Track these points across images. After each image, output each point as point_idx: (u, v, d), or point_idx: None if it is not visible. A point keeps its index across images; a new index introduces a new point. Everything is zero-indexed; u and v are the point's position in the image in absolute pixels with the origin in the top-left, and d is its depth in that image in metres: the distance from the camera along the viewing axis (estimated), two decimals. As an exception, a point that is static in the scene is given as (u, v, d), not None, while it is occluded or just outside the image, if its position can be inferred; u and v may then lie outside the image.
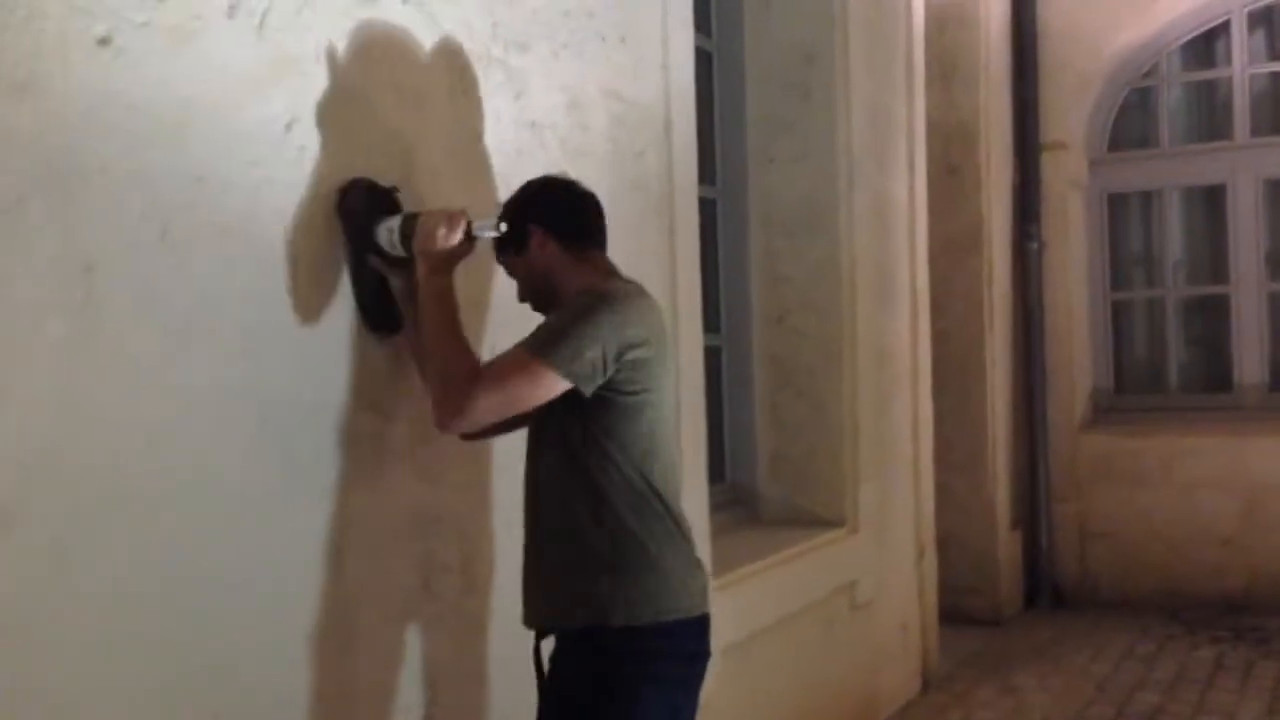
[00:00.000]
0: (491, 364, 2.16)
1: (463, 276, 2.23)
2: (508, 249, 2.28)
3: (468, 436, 2.36)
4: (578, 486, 2.14)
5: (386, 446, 2.28)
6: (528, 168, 2.63)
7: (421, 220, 2.16)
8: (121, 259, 1.79)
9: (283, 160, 2.07)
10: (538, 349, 2.08)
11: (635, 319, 2.14)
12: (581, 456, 2.13)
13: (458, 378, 2.08)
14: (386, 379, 2.29)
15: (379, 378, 2.27)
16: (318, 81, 2.14)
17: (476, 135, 2.53)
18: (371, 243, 2.21)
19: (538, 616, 2.23)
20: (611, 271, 2.29)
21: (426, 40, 2.39)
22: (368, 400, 2.24)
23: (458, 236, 2.14)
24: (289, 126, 2.08)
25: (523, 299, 2.33)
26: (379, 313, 2.26)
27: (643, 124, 3.11)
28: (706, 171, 4.18)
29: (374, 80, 2.26)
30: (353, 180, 2.19)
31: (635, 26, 3.11)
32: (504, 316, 2.54)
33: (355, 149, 2.21)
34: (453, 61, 2.46)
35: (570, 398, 2.10)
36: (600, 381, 2.09)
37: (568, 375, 2.06)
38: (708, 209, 4.20)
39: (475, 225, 2.16)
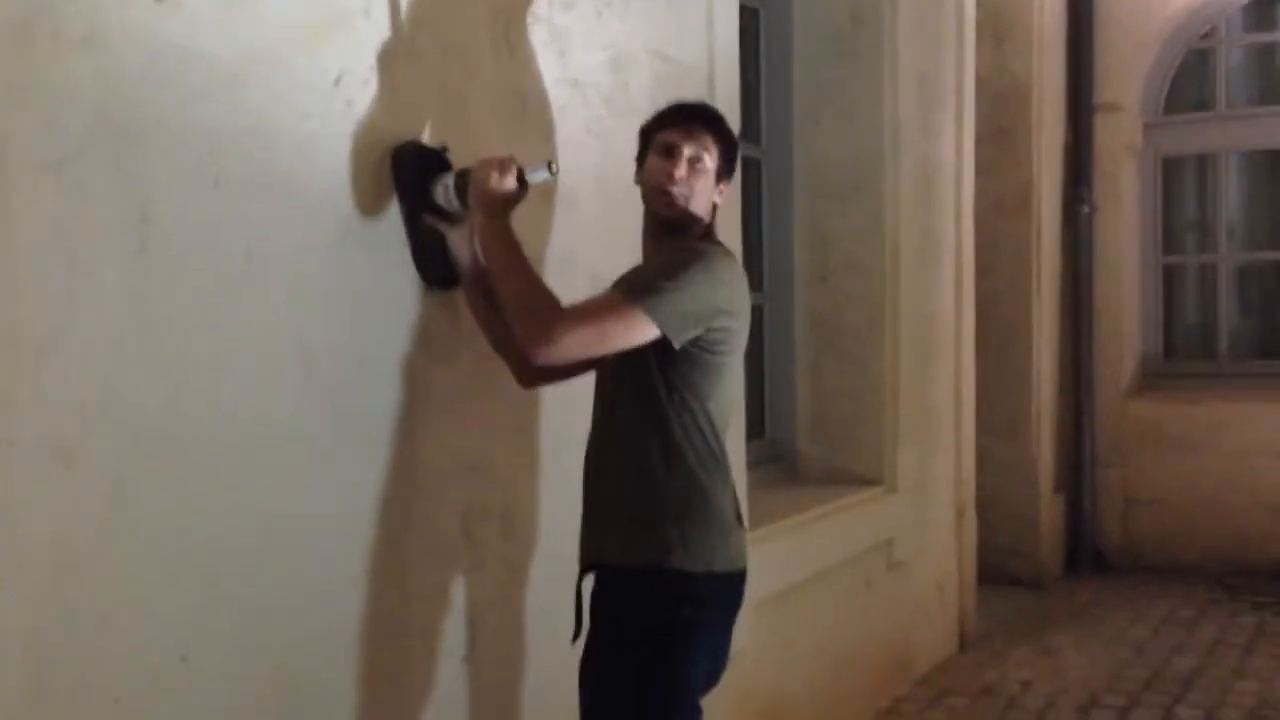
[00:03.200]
0: (586, 302, 2.22)
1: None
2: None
3: (540, 379, 2.43)
4: (656, 435, 2.21)
5: (430, 395, 2.35)
6: (569, 125, 2.68)
7: (474, 171, 2.22)
8: (176, 208, 1.86)
9: (332, 113, 2.13)
10: (635, 294, 2.14)
11: (728, 284, 2.23)
12: (663, 408, 2.21)
13: (543, 308, 2.13)
14: (431, 329, 2.35)
15: (424, 327, 2.33)
16: (366, 37, 2.19)
17: (521, 92, 2.58)
18: (428, 201, 2.27)
19: (594, 552, 2.30)
20: (714, 234, 2.36)
21: (472, -2, 2.44)
22: (412, 349, 2.31)
23: (510, 181, 2.19)
24: (338, 80, 2.14)
25: (669, 212, 2.28)
26: (438, 268, 2.33)
27: (686, 83, 3.13)
28: (752, 131, 4.20)
29: (421, 36, 2.31)
30: (404, 143, 2.26)
31: (680, -15, 3.13)
32: (566, 276, 2.60)
33: (402, 103, 2.27)
34: (498, 18, 2.50)
35: (660, 350, 2.16)
36: (689, 337, 2.16)
37: (660, 324, 2.12)
38: (752, 168, 4.23)
39: (527, 170, 2.22)
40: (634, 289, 2.15)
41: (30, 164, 1.66)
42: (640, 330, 2.13)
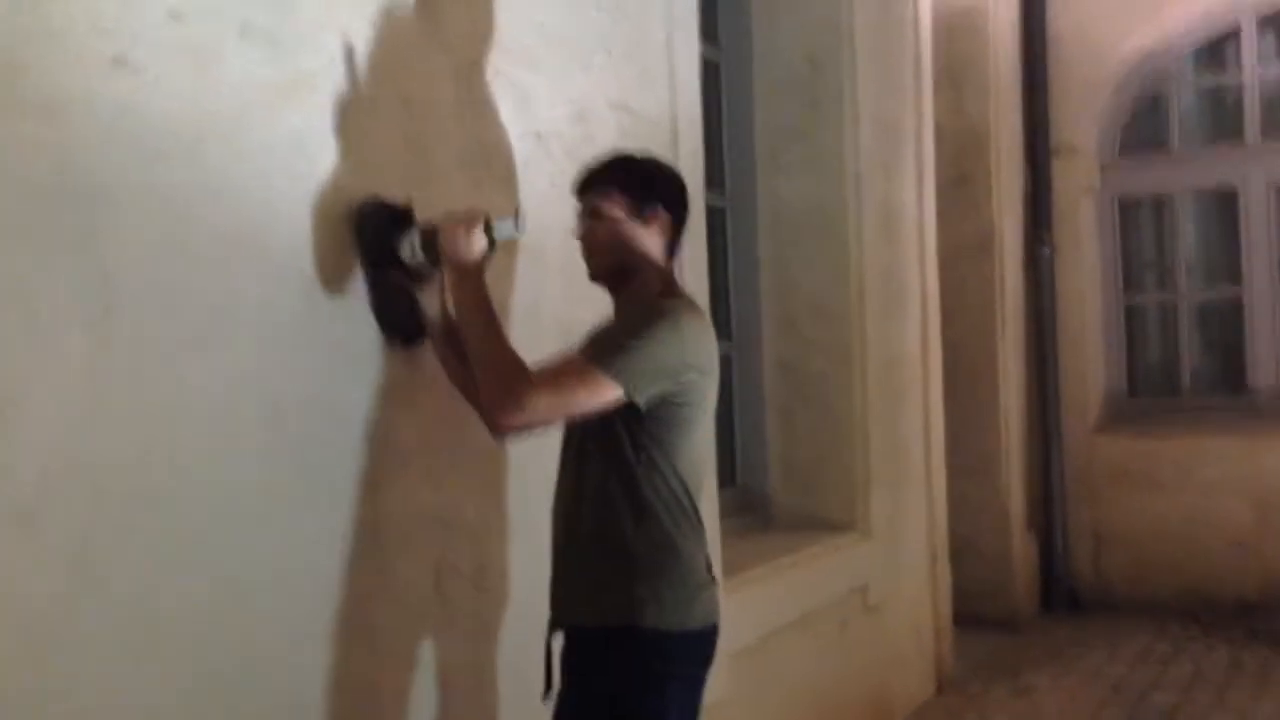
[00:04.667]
0: (550, 366, 2.17)
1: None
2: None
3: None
4: (624, 494, 2.19)
5: (398, 451, 2.33)
6: (534, 179, 2.69)
7: (442, 228, 2.21)
8: (139, 269, 1.84)
9: (295, 173, 2.13)
10: (599, 358, 2.12)
11: (694, 339, 2.21)
12: (631, 466, 2.19)
13: (512, 377, 2.10)
14: (397, 384, 2.34)
15: (389, 383, 2.32)
16: (328, 96, 2.20)
17: (485, 145, 2.59)
18: (393, 257, 2.26)
19: (565, 613, 2.28)
20: (675, 284, 2.34)
21: (435, 54, 2.45)
22: (379, 406, 2.29)
23: (480, 241, 2.18)
24: (301, 140, 2.14)
25: (596, 270, 2.32)
26: (401, 324, 2.32)
27: (650, 135, 3.16)
28: (715, 180, 4.24)
29: (383, 94, 2.32)
30: (366, 199, 2.25)
31: (641, 39, 3.16)
32: (532, 329, 2.59)
33: (365, 161, 2.27)
34: (459, 72, 2.52)
35: (626, 409, 2.15)
36: (655, 396, 2.15)
37: (625, 385, 2.11)
38: (717, 217, 4.26)
39: (495, 227, 2.21)
40: (598, 351, 2.14)
41: (-9, 228, 1.65)
42: (605, 393, 2.11)
